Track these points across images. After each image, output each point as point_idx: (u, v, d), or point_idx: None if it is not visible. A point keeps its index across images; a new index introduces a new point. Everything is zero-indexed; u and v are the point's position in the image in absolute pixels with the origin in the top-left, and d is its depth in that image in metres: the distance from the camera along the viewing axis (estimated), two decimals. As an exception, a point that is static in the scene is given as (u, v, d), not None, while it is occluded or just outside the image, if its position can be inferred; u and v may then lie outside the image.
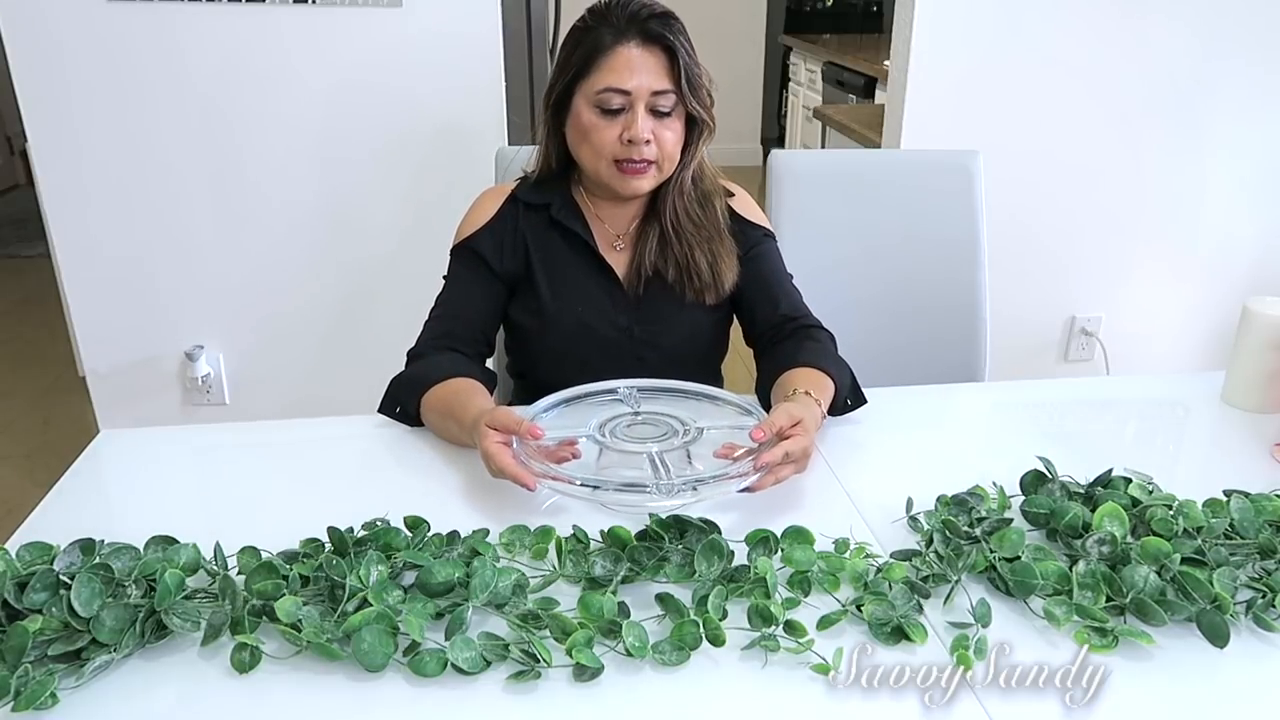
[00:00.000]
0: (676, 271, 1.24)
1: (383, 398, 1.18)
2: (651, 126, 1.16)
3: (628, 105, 1.16)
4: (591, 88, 1.16)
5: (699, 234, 1.24)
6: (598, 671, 0.75)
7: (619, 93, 1.15)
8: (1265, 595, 0.83)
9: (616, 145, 1.17)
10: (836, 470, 1.07)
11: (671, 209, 1.24)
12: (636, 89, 1.15)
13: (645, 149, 1.17)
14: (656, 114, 1.17)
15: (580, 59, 1.17)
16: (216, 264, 2.06)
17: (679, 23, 1.18)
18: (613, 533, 0.88)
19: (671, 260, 1.24)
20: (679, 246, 1.24)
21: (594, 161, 1.19)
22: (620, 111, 1.16)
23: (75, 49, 1.86)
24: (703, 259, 1.23)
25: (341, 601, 0.78)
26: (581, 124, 1.18)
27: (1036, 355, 2.41)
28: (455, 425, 1.08)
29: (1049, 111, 2.16)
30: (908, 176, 1.58)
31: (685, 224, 1.24)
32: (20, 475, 2.47)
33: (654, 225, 1.25)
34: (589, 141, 1.18)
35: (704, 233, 1.24)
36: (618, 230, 1.28)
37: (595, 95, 1.16)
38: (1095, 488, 0.98)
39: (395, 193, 2.07)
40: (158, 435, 1.18)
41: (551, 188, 1.27)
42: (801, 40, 4.87)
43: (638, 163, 1.17)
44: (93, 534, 0.86)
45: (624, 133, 1.16)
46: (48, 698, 0.70)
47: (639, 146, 1.16)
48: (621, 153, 1.17)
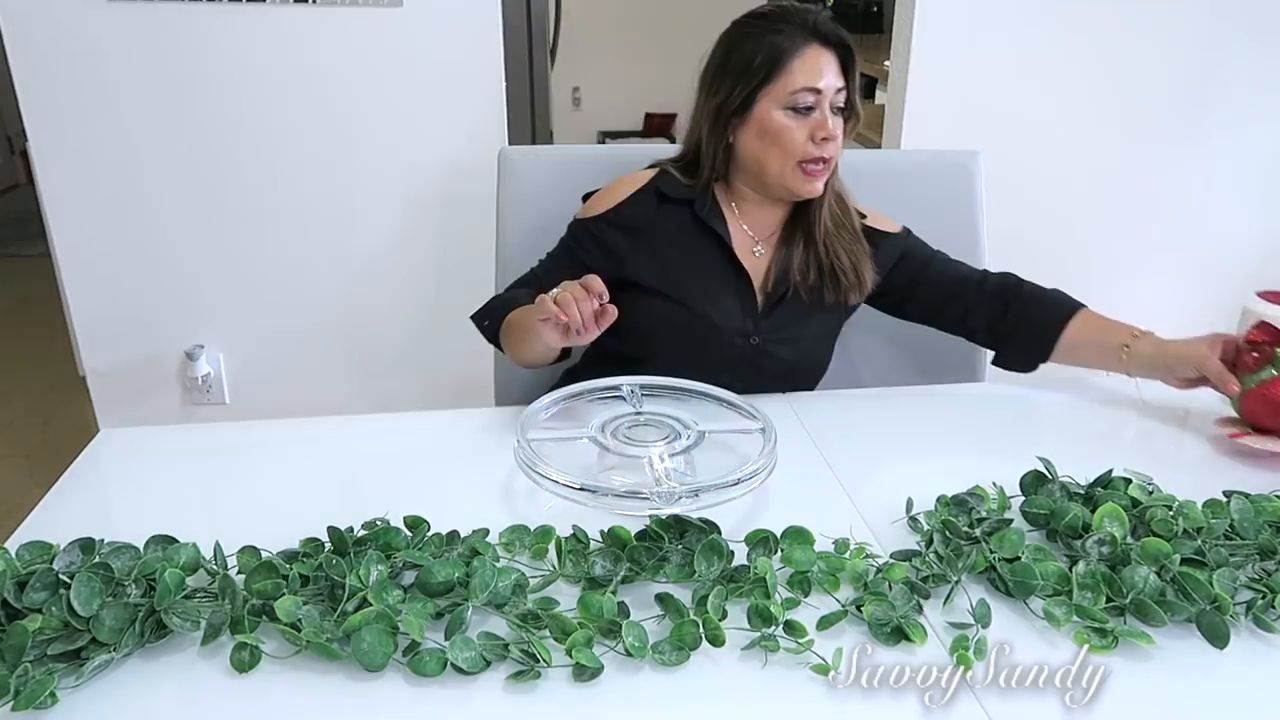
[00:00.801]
0: (818, 276, 1.26)
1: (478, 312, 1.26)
2: (834, 125, 1.20)
3: (816, 105, 1.19)
4: (783, 90, 1.18)
5: (841, 235, 1.27)
6: (598, 671, 0.75)
7: (812, 91, 1.18)
8: (1265, 596, 0.83)
9: (807, 145, 1.19)
10: (836, 470, 1.07)
11: (825, 210, 1.26)
12: (826, 88, 1.18)
13: (829, 147, 1.20)
14: (834, 111, 1.20)
15: (766, 64, 1.18)
16: (216, 264, 2.06)
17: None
18: (613, 533, 0.88)
19: (813, 264, 1.26)
20: (824, 250, 1.26)
21: (782, 164, 1.21)
22: (810, 111, 1.19)
23: (75, 49, 1.86)
24: (846, 259, 1.26)
25: (341, 601, 0.78)
26: (772, 127, 1.20)
27: (1036, 355, 2.41)
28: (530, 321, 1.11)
29: (1049, 111, 2.16)
30: (908, 176, 1.58)
31: (830, 226, 1.27)
32: (20, 475, 2.47)
33: (800, 230, 1.27)
34: (779, 144, 1.20)
35: (846, 234, 1.28)
36: (760, 235, 1.29)
37: (788, 96, 1.18)
38: (1095, 488, 0.98)
39: (395, 193, 2.07)
40: (158, 435, 1.18)
41: (696, 185, 1.27)
42: (802, 40, 4.85)
43: (824, 162, 1.20)
44: (92, 533, 0.86)
45: (816, 132, 1.19)
46: (47, 697, 0.70)
47: (829, 144, 1.19)
48: (812, 152, 1.20)
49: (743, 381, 1.17)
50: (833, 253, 1.26)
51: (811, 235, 1.26)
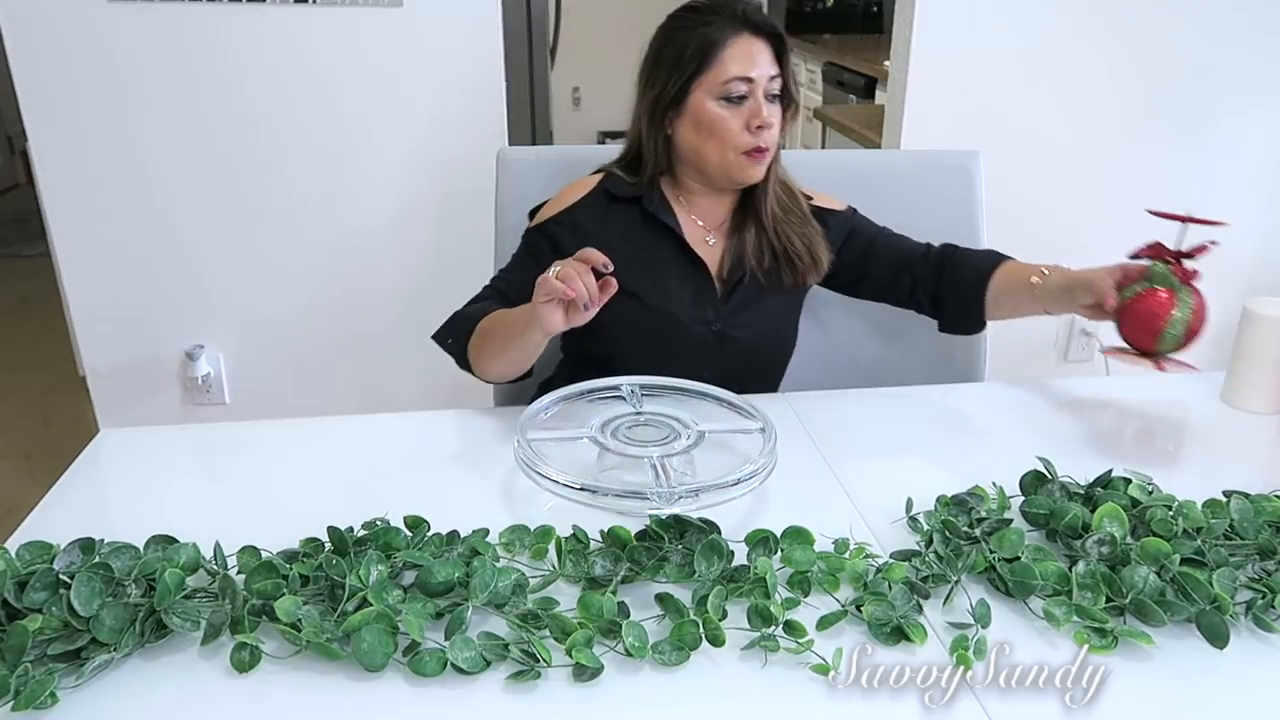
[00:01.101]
0: (772, 259, 1.28)
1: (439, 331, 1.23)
2: (770, 112, 1.21)
3: (749, 93, 1.19)
4: (714, 80, 1.19)
5: (791, 220, 1.29)
6: (598, 671, 0.75)
7: (744, 80, 1.19)
8: (1265, 596, 0.83)
9: (744, 134, 1.20)
10: (836, 470, 1.07)
11: (770, 197, 1.28)
12: (758, 76, 1.19)
13: (767, 134, 1.21)
14: (769, 100, 1.21)
15: (697, 55, 1.20)
16: (216, 264, 2.06)
17: None
18: (613, 533, 0.88)
19: (768, 250, 1.28)
20: (775, 236, 1.27)
21: (720, 153, 1.22)
22: (744, 100, 1.20)
23: (75, 49, 1.86)
24: (800, 243, 1.28)
25: (341, 601, 0.78)
26: (707, 118, 1.20)
27: (1036, 355, 2.41)
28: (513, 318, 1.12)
29: (1049, 111, 2.16)
30: (908, 177, 1.58)
31: (779, 212, 1.28)
32: (20, 475, 2.47)
33: (750, 215, 1.28)
34: (716, 135, 1.21)
35: (795, 218, 1.29)
36: (710, 224, 1.30)
37: (720, 86, 1.19)
38: (1095, 488, 0.98)
39: (395, 193, 2.07)
40: (158, 435, 1.18)
41: (641, 182, 1.28)
42: (801, 40, 4.86)
43: (763, 149, 1.21)
44: (93, 533, 0.86)
45: (751, 120, 1.19)
46: (47, 697, 0.70)
47: (766, 132, 1.20)
48: (749, 141, 1.20)
49: (709, 368, 1.19)
50: (785, 237, 1.28)
51: (761, 222, 1.28)
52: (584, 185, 1.30)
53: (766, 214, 1.28)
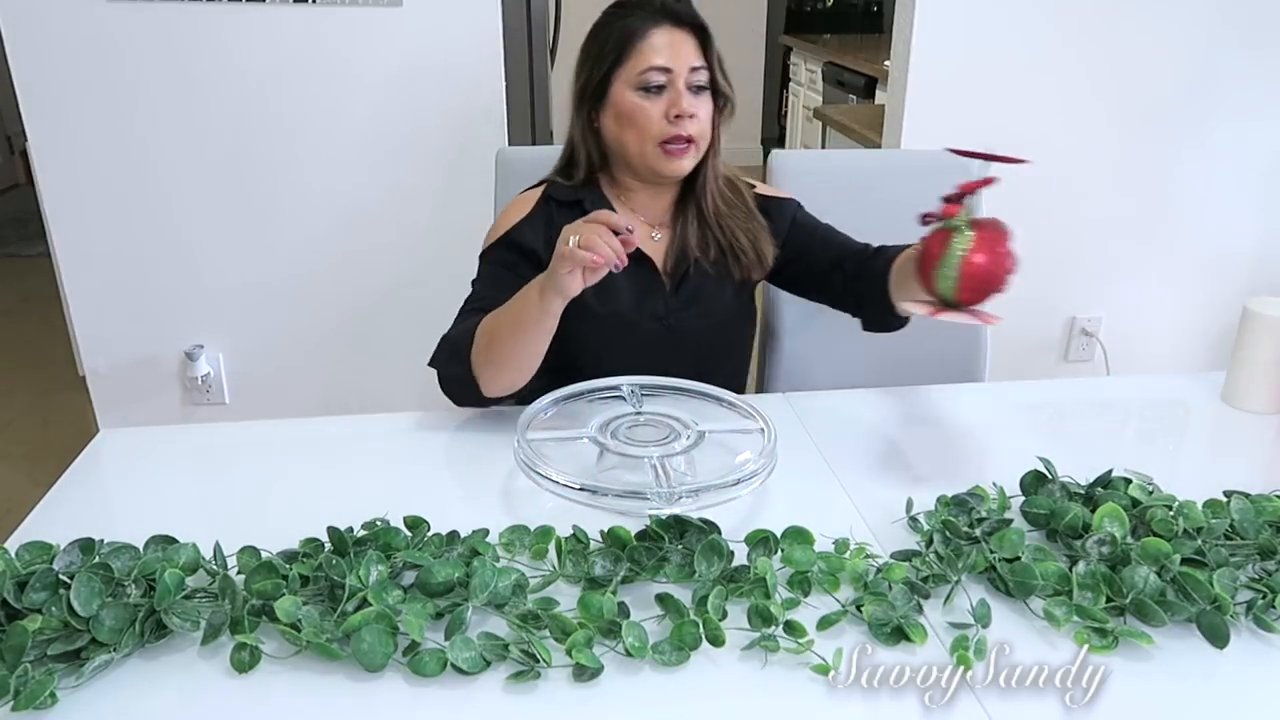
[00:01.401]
0: (719, 253, 1.27)
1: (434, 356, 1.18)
2: (691, 103, 1.20)
3: (669, 83, 1.19)
4: (632, 70, 1.19)
5: (735, 214, 1.28)
6: (597, 671, 0.75)
7: (661, 70, 1.18)
8: (1265, 596, 0.83)
9: (663, 124, 1.19)
10: (836, 470, 1.07)
11: (710, 192, 1.27)
12: (677, 66, 1.19)
13: (688, 124, 1.20)
14: (692, 91, 1.20)
15: (616, 46, 1.20)
16: (216, 263, 2.06)
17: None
18: (613, 533, 0.88)
19: (712, 242, 1.27)
20: (718, 229, 1.27)
21: (640, 145, 1.21)
22: (662, 90, 1.19)
23: (75, 49, 1.86)
24: (744, 238, 1.27)
25: (341, 601, 0.78)
26: (625, 108, 1.20)
27: (1036, 355, 2.41)
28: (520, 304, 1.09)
29: (1050, 111, 2.16)
30: (908, 176, 1.58)
31: (722, 207, 1.28)
32: (20, 475, 2.47)
33: (690, 209, 1.28)
34: (634, 125, 1.20)
35: (739, 212, 1.29)
36: (653, 220, 1.30)
37: (637, 77, 1.19)
38: (1095, 488, 0.98)
39: (395, 192, 2.07)
40: (158, 435, 1.18)
41: (582, 186, 1.28)
42: (801, 40, 4.87)
43: (683, 141, 1.20)
44: (92, 534, 0.86)
45: (669, 109, 1.19)
46: (47, 697, 0.70)
47: (684, 122, 1.19)
48: (668, 131, 1.19)
49: (666, 362, 1.18)
50: (729, 232, 1.27)
51: (703, 216, 1.27)
52: (532, 197, 1.29)
53: (708, 208, 1.27)
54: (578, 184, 1.28)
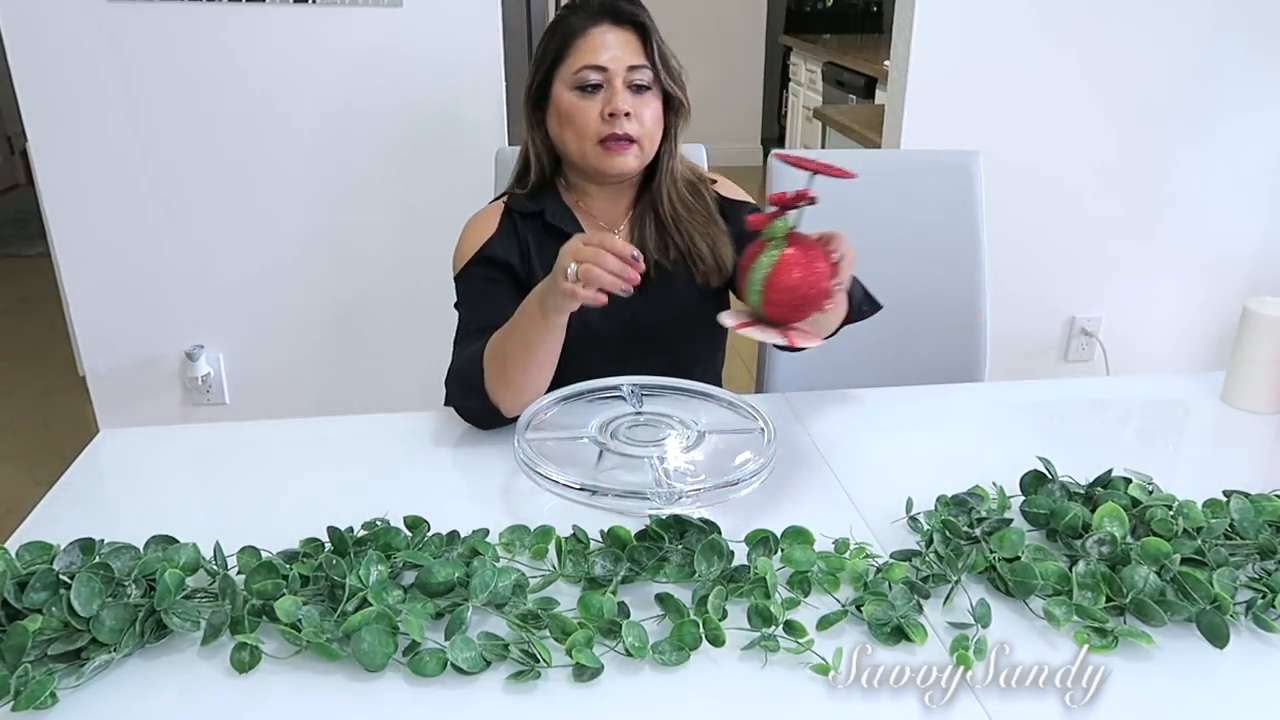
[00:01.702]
0: (678, 256, 1.25)
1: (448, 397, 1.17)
2: (630, 102, 1.18)
3: (605, 82, 1.18)
4: (569, 70, 1.19)
5: (694, 219, 1.26)
6: (598, 671, 0.75)
7: (596, 69, 1.17)
8: (1265, 595, 0.83)
9: (599, 123, 1.18)
10: (836, 470, 1.07)
11: (667, 197, 1.25)
12: (613, 64, 1.18)
13: (626, 123, 1.18)
14: (634, 90, 1.19)
15: (556, 47, 1.20)
16: (216, 264, 2.06)
17: (645, 9, 1.21)
18: (613, 533, 0.88)
19: (672, 247, 1.25)
20: (677, 234, 1.25)
21: (579, 144, 1.20)
22: (599, 89, 1.18)
23: (75, 49, 1.86)
24: (703, 244, 1.25)
25: (341, 601, 0.78)
26: (563, 108, 1.20)
27: (1036, 355, 2.41)
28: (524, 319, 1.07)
29: (1049, 111, 2.16)
30: (908, 176, 1.58)
31: (681, 210, 1.26)
32: (20, 475, 2.47)
33: (649, 213, 1.26)
34: (572, 124, 1.20)
35: (699, 217, 1.26)
36: (612, 224, 1.28)
37: (573, 76, 1.18)
38: (1095, 488, 0.98)
39: (395, 193, 2.07)
40: (158, 435, 1.18)
41: (541, 195, 1.27)
42: (801, 40, 4.87)
43: (621, 139, 1.18)
44: (93, 534, 0.86)
45: (605, 108, 1.18)
46: (48, 697, 0.70)
47: (620, 120, 1.17)
48: (605, 129, 1.18)
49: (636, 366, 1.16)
50: (687, 236, 1.25)
51: (660, 219, 1.25)
52: (494, 211, 1.27)
53: (665, 211, 1.25)
54: (534, 192, 1.27)
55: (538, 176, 1.27)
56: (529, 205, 1.26)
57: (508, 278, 1.23)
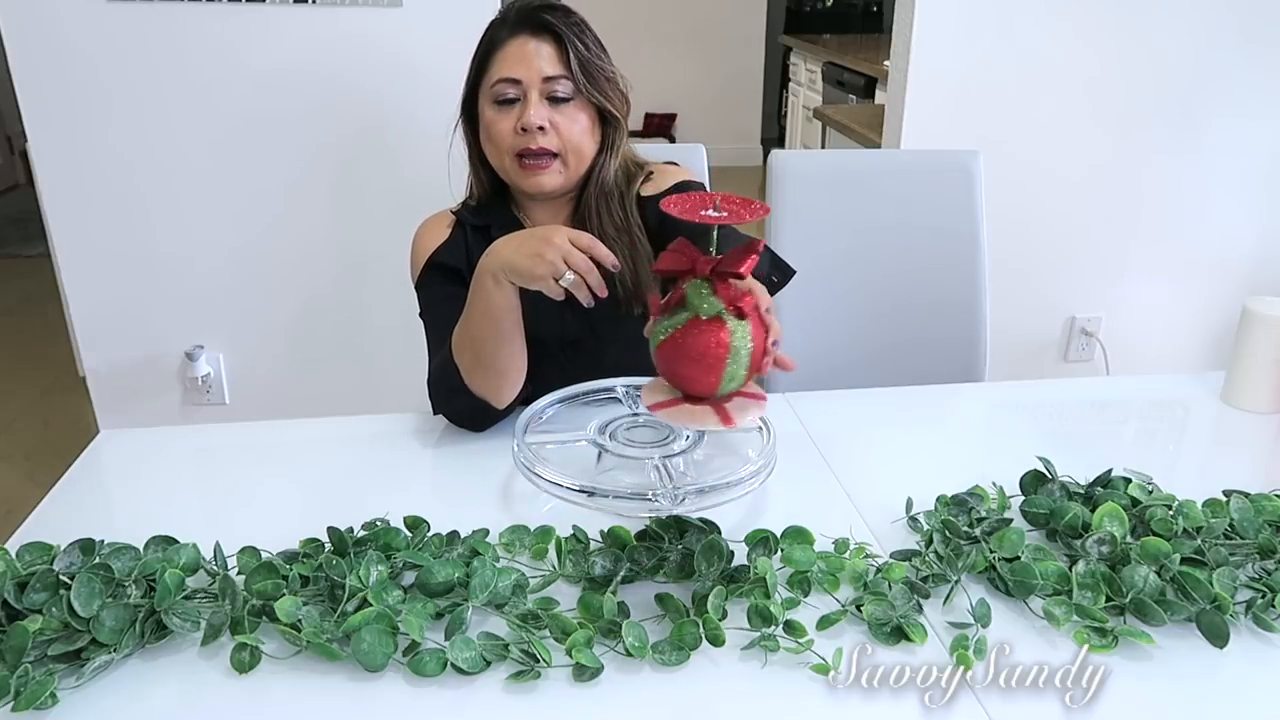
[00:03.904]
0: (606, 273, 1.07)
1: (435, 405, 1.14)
2: (548, 115, 1.15)
3: (521, 95, 1.15)
4: (488, 83, 1.17)
5: (620, 240, 1.19)
6: (597, 671, 0.75)
7: (511, 82, 1.15)
8: (1265, 595, 0.83)
9: (513, 136, 1.15)
10: (836, 470, 1.07)
11: (596, 213, 1.20)
12: (527, 76, 1.14)
13: (541, 137, 1.14)
14: (554, 102, 1.16)
15: (479, 60, 1.18)
16: (216, 264, 2.06)
17: (576, 15, 1.18)
18: (612, 533, 0.88)
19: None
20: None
21: (499, 159, 1.19)
22: (514, 103, 1.16)
23: (75, 49, 1.86)
24: (626, 269, 1.16)
25: (341, 601, 0.79)
26: (485, 122, 1.18)
27: (1036, 355, 2.41)
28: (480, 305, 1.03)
29: (1049, 111, 2.16)
30: (908, 177, 1.58)
31: (609, 229, 1.19)
32: (20, 475, 2.47)
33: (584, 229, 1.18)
34: (491, 139, 1.18)
35: (625, 238, 1.20)
36: None
37: (491, 89, 1.16)
38: (1095, 488, 0.98)
39: (395, 193, 2.07)
40: (158, 435, 1.18)
41: (491, 209, 1.26)
42: (801, 40, 4.87)
43: (536, 154, 1.15)
44: (93, 534, 0.86)
45: (517, 122, 1.15)
46: (48, 698, 0.71)
47: (533, 135, 1.14)
48: (520, 143, 1.15)
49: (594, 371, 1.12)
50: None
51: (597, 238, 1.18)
52: (444, 219, 1.25)
53: (593, 228, 1.17)
54: (482, 204, 1.25)
55: (479, 190, 1.26)
56: (475, 219, 1.25)
57: (462, 285, 1.18)
